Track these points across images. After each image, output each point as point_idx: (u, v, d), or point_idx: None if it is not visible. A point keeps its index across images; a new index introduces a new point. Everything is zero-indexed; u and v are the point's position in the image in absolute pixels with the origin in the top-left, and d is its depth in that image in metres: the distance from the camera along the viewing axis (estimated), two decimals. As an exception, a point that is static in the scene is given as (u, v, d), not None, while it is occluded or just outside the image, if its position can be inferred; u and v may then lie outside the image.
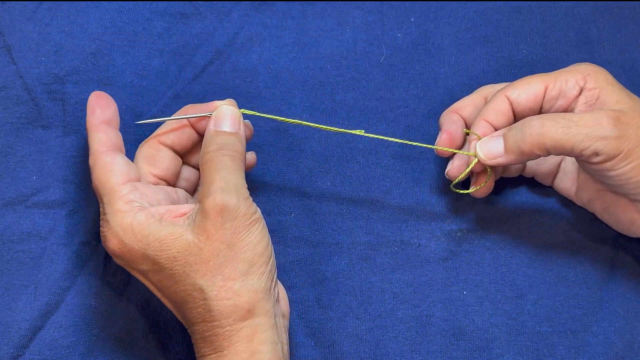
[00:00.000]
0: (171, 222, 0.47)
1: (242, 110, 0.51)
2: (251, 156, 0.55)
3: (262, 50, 0.61)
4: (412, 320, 0.56)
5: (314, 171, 0.59)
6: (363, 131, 0.53)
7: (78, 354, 0.55)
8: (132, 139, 0.58)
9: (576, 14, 0.62)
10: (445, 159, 0.57)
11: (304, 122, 0.53)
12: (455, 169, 0.54)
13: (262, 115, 0.52)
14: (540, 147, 0.49)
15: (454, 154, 0.55)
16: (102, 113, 0.51)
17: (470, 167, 0.53)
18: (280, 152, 0.59)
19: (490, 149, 0.51)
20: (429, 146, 0.54)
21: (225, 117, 0.50)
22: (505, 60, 0.61)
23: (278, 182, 0.58)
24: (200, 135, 0.53)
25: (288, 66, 0.61)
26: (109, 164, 0.49)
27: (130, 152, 0.58)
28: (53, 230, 0.57)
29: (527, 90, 0.52)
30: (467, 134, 0.55)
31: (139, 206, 0.48)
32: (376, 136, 0.54)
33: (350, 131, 0.53)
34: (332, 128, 0.53)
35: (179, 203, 0.52)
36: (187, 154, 0.54)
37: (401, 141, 0.54)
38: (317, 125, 0.53)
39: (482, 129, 0.53)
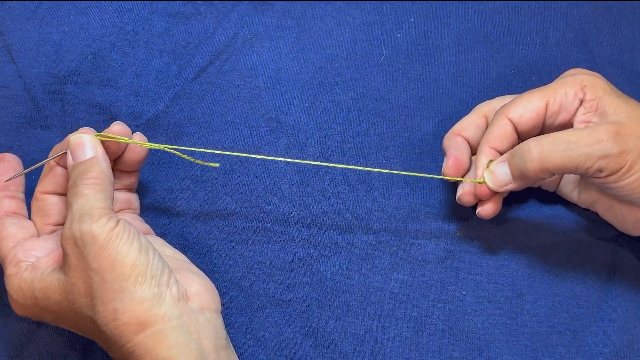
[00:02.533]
0: (51, 268, 0.47)
1: (97, 135, 0.50)
2: (138, 137, 0.53)
3: (262, 50, 0.61)
4: (411, 320, 0.56)
5: (313, 171, 0.59)
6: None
7: (76, 354, 0.55)
8: (132, 139, 0.58)
9: (576, 14, 0.62)
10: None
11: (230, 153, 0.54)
12: (467, 195, 0.54)
13: (121, 140, 0.51)
14: (544, 171, 0.49)
15: (463, 176, 0.54)
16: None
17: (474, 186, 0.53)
18: (280, 152, 0.59)
19: (498, 178, 0.52)
20: (437, 176, 0.54)
21: (77, 147, 0.49)
22: (505, 60, 0.61)
23: (278, 182, 0.58)
24: None
25: (288, 66, 0.61)
26: None
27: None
28: (52, 229, 0.57)
29: (528, 109, 0.51)
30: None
31: (26, 265, 0.48)
32: (378, 170, 0.55)
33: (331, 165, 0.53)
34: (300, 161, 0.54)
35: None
36: None
37: (408, 173, 0.55)
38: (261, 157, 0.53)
39: (488, 156, 0.52)
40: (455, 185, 0.56)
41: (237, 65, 0.60)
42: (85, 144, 0.49)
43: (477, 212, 0.54)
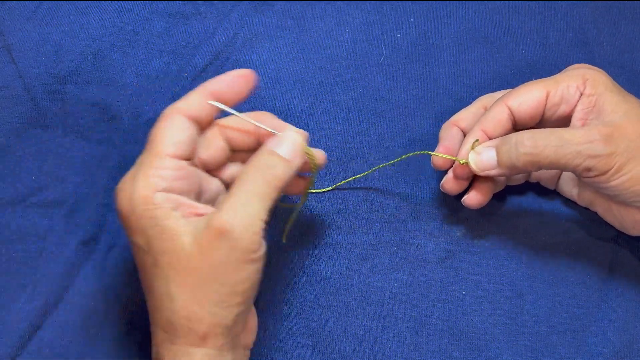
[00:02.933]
0: (183, 217, 0.44)
1: (307, 149, 0.48)
2: (320, 155, 0.50)
3: (262, 50, 0.61)
4: (411, 320, 0.56)
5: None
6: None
7: (76, 354, 0.55)
8: (132, 139, 0.59)
9: (575, 14, 0.62)
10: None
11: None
12: (449, 182, 0.54)
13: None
14: (534, 164, 0.49)
15: (451, 167, 0.54)
16: (215, 84, 0.48)
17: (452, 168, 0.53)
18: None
19: (482, 160, 0.51)
20: (424, 152, 0.54)
21: (286, 142, 0.47)
22: (505, 60, 0.61)
23: (277, 182, 0.58)
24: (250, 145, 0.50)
25: (288, 66, 0.61)
26: (169, 127, 0.46)
27: (129, 152, 0.58)
28: (51, 230, 0.57)
29: (528, 98, 0.51)
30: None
31: (165, 186, 0.45)
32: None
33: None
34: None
35: (207, 194, 0.49)
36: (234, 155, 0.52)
37: (396, 160, 0.55)
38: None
39: (478, 138, 0.52)
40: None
41: (237, 65, 0.60)
42: (296, 145, 0.47)
43: (462, 200, 0.54)
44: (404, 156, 0.55)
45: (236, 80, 0.49)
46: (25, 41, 0.59)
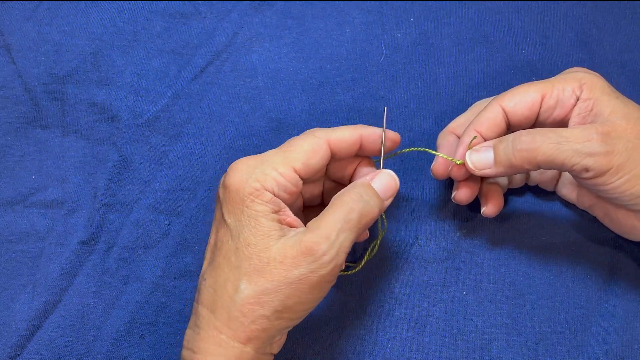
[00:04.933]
0: (278, 222, 0.46)
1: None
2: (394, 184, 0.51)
3: (262, 50, 0.61)
4: (411, 320, 0.56)
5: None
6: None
7: (76, 354, 0.55)
8: (132, 139, 0.58)
9: (576, 14, 0.62)
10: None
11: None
12: (440, 166, 0.54)
13: None
14: (531, 161, 0.49)
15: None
16: (366, 132, 0.51)
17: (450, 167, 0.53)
18: (280, 152, 0.59)
19: (480, 159, 0.51)
20: (418, 149, 0.54)
21: (384, 180, 0.50)
22: (505, 60, 0.61)
23: (277, 182, 0.58)
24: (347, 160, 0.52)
25: (288, 66, 0.61)
26: (308, 147, 0.48)
27: (129, 152, 0.58)
28: (51, 230, 0.57)
29: (523, 100, 0.51)
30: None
31: (277, 191, 0.47)
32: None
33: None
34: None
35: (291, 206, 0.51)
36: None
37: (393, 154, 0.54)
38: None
39: (472, 136, 0.52)
40: (452, 186, 0.56)
41: (237, 65, 0.60)
42: (392, 187, 0.50)
43: (452, 197, 0.54)
44: (398, 152, 0.54)
45: (386, 140, 0.51)
46: (25, 41, 0.59)
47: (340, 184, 0.54)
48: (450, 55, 0.61)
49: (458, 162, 0.52)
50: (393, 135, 0.51)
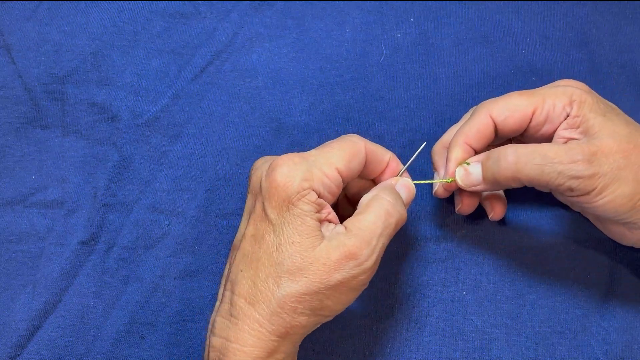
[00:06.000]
0: (319, 221, 0.47)
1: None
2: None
3: (262, 50, 0.61)
4: (411, 320, 0.56)
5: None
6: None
7: (76, 354, 0.55)
8: (132, 138, 0.58)
9: (576, 14, 0.62)
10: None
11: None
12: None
13: None
14: (515, 180, 0.49)
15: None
16: (384, 176, 0.52)
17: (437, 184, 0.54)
18: (280, 152, 0.59)
19: (469, 177, 0.52)
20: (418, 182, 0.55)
21: (406, 190, 0.51)
22: (505, 60, 0.61)
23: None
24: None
25: (288, 66, 0.61)
26: (348, 151, 0.49)
27: (129, 152, 0.58)
28: (51, 230, 0.57)
29: (514, 115, 0.51)
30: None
31: (321, 191, 0.47)
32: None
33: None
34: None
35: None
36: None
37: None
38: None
39: (461, 153, 0.52)
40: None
41: (237, 65, 0.60)
42: (410, 195, 0.52)
43: (456, 210, 0.55)
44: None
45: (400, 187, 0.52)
46: (25, 41, 0.59)
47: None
48: (450, 55, 0.61)
49: (449, 181, 0.52)
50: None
